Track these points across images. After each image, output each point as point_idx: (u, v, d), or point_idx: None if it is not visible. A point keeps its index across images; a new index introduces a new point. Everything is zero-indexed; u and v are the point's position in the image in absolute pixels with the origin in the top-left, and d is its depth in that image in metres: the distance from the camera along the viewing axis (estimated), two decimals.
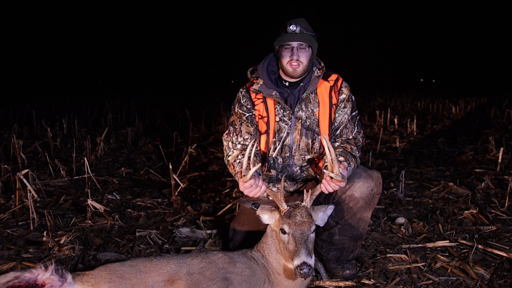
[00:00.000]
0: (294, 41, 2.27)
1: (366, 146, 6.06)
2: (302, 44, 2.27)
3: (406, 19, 37.72)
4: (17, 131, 6.20)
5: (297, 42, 2.27)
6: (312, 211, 1.96)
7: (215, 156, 5.37)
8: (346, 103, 2.39)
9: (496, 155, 5.02)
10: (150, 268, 1.81)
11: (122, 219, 3.15)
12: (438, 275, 2.37)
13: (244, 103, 2.41)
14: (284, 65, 2.31)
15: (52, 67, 26.08)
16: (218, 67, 31.01)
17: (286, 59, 2.29)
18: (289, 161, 2.44)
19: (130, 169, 4.63)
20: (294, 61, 2.27)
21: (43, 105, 10.37)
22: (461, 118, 9.34)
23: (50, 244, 2.63)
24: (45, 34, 28.03)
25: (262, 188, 2.00)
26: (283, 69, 2.33)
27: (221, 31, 35.82)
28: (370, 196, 2.24)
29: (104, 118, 7.79)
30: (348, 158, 2.19)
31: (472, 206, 3.42)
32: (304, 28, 2.27)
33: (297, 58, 2.26)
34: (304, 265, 1.71)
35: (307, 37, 2.27)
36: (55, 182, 3.97)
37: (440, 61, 36.32)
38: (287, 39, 2.26)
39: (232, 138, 2.37)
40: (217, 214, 3.27)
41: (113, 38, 31.42)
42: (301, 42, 2.27)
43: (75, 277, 1.73)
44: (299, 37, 2.25)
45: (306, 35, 2.27)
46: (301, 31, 2.26)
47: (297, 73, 2.31)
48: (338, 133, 2.37)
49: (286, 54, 2.29)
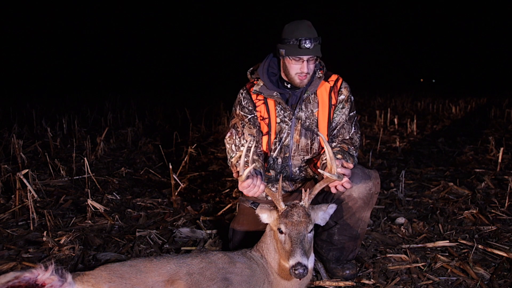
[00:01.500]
0: (306, 55, 2.23)
1: (366, 146, 6.06)
2: (312, 57, 2.26)
3: (406, 19, 37.73)
4: (17, 131, 6.19)
5: (308, 56, 2.24)
6: (312, 210, 1.96)
7: (215, 156, 5.37)
8: (344, 104, 2.39)
9: (496, 155, 5.02)
10: (150, 268, 1.81)
11: (122, 219, 3.16)
12: (438, 275, 2.37)
13: (245, 105, 2.41)
14: (291, 76, 2.29)
15: (52, 67, 26.08)
16: (218, 67, 31.03)
17: (295, 70, 2.27)
18: (289, 162, 2.44)
19: (130, 169, 4.63)
20: (304, 74, 2.26)
21: (43, 105, 10.36)
22: (461, 118, 9.34)
23: (50, 244, 2.63)
24: (45, 34, 28.05)
25: (260, 187, 1.99)
26: (290, 78, 2.31)
27: (221, 31, 35.83)
28: (368, 195, 2.24)
29: (104, 118, 7.79)
30: (346, 157, 2.20)
31: (472, 206, 3.42)
32: (314, 39, 2.21)
33: (306, 72, 2.26)
34: (298, 266, 1.70)
35: (318, 49, 2.24)
36: (55, 182, 3.97)
37: (440, 61, 36.33)
38: (301, 54, 2.21)
39: (235, 140, 2.36)
40: (217, 214, 3.27)
41: (113, 38, 31.43)
42: (313, 56, 2.25)
43: (75, 277, 1.73)
44: (311, 51, 2.22)
45: (317, 47, 2.24)
46: (314, 46, 2.22)
47: (303, 83, 2.31)
48: (335, 133, 2.38)
49: (296, 66, 2.26)
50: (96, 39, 30.84)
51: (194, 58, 33.36)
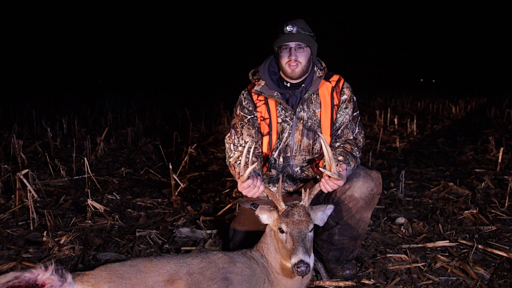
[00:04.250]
0: (291, 42, 2.27)
1: (366, 146, 6.06)
2: (300, 44, 2.28)
3: (406, 19, 37.74)
4: (17, 131, 6.19)
5: (295, 43, 2.27)
6: (311, 210, 1.97)
7: (215, 156, 5.37)
8: (347, 104, 2.39)
9: (496, 155, 5.02)
10: (150, 268, 1.81)
11: (122, 219, 3.16)
12: (438, 275, 2.38)
13: (245, 105, 2.42)
14: (283, 66, 2.32)
15: (52, 67, 26.07)
16: (218, 68, 31.04)
17: (284, 59, 2.30)
18: (290, 161, 2.44)
19: (130, 169, 4.63)
20: (293, 61, 2.27)
21: (43, 105, 10.36)
22: (461, 118, 9.35)
23: (50, 244, 2.63)
24: (45, 34, 28.05)
25: (260, 188, 2.00)
26: (283, 70, 2.34)
27: (221, 31, 35.84)
28: (370, 196, 2.24)
29: (104, 118, 7.79)
30: (348, 157, 2.20)
31: (472, 206, 3.42)
32: (301, 28, 2.27)
33: (295, 59, 2.27)
34: (301, 263, 1.71)
35: (305, 36, 2.27)
36: (55, 182, 3.97)
37: (440, 61, 36.32)
38: (285, 40, 2.27)
39: (234, 140, 2.37)
40: (217, 214, 3.27)
41: (113, 38, 31.44)
42: (298, 42, 2.27)
43: (75, 277, 1.73)
44: (296, 37, 2.25)
45: (304, 35, 2.27)
46: (298, 31, 2.26)
47: (295, 73, 2.31)
48: (339, 133, 2.38)
49: (284, 54, 2.29)
50: (96, 39, 30.85)
51: (194, 58, 33.36)
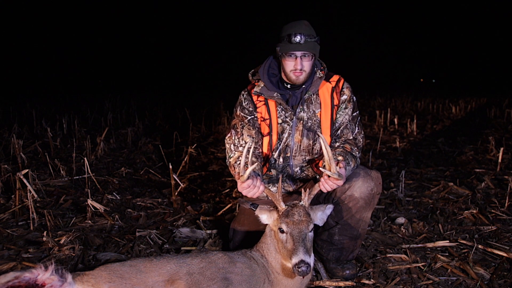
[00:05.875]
0: (298, 51, 2.25)
1: (366, 146, 6.06)
2: (306, 53, 2.26)
3: (406, 19, 37.72)
4: (17, 131, 6.20)
5: (301, 52, 2.25)
6: (311, 210, 1.97)
7: (215, 156, 5.37)
8: (347, 104, 2.39)
9: (496, 155, 5.02)
10: (150, 268, 1.81)
11: (122, 219, 3.15)
12: (438, 275, 2.37)
13: (246, 106, 2.42)
14: (287, 73, 2.31)
15: (52, 67, 26.07)
16: (218, 68, 31.04)
17: (289, 67, 2.28)
18: (290, 162, 2.44)
19: (130, 169, 4.63)
20: (298, 70, 2.27)
21: (43, 105, 10.37)
22: (461, 118, 9.35)
23: (50, 244, 2.63)
24: (45, 34, 28.04)
25: (260, 188, 2.00)
26: (287, 76, 2.33)
27: (221, 31, 35.82)
28: (370, 196, 2.24)
29: (104, 118, 7.79)
30: (348, 157, 2.20)
31: (472, 206, 3.42)
32: (307, 35, 2.23)
33: (301, 68, 2.26)
34: (302, 263, 1.71)
35: (311, 45, 2.25)
36: (55, 182, 3.97)
37: (440, 61, 36.31)
38: (291, 49, 2.23)
39: (234, 140, 2.37)
40: (217, 214, 3.27)
41: (113, 38, 31.43)
42: (305, 52, 2.25)
43: (75, 277, 1.73)
44: (303, 47, 2.23)
45: (310, 44, 2.24)
46: (305, 41, 2.22)
47: (300, 80, 2.31)
48: (339, 133, 2.38)
49: (290, 62, 2.27)
50: (97, 39, 30.84)
51: (194, 58, 33.36)
